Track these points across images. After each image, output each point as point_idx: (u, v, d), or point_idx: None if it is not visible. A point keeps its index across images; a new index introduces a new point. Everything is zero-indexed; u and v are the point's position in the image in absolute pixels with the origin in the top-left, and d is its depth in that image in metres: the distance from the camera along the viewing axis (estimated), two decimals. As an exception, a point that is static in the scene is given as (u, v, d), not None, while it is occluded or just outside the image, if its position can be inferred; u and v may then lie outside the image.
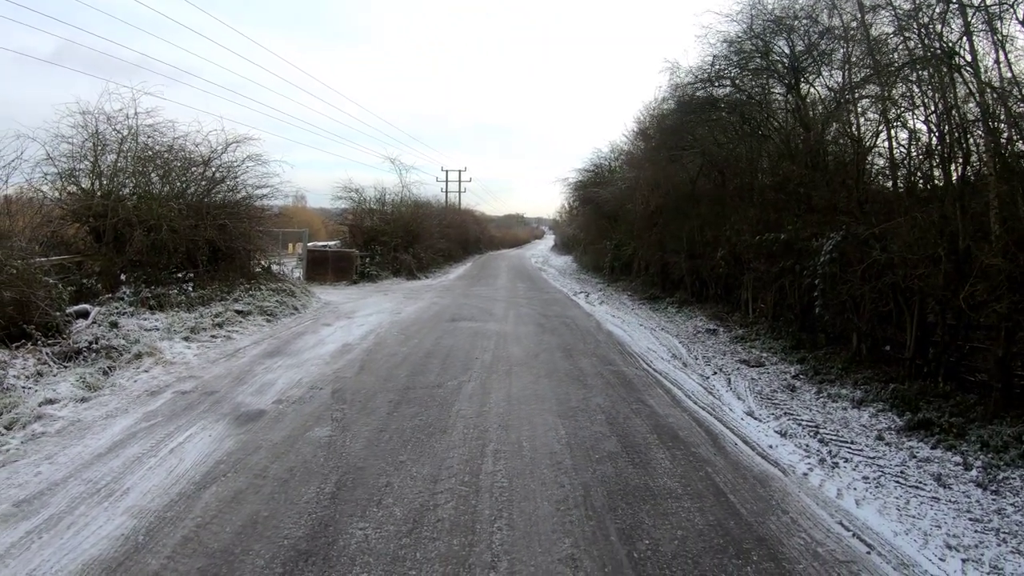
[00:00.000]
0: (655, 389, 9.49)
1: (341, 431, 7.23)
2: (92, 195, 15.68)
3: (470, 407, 8.26)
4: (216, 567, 4.36)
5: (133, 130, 16.45)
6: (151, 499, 5.42)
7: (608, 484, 5.84)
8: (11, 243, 10.80)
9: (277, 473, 6.01)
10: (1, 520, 5.02)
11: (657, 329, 15.56)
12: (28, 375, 8.78)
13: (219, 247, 16.94)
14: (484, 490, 5.67)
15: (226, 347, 12.09)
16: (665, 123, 20.81)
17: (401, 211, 33.58)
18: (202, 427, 7.35)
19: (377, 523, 5.00)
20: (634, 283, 24.90)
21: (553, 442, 6.97)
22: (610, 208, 28.82)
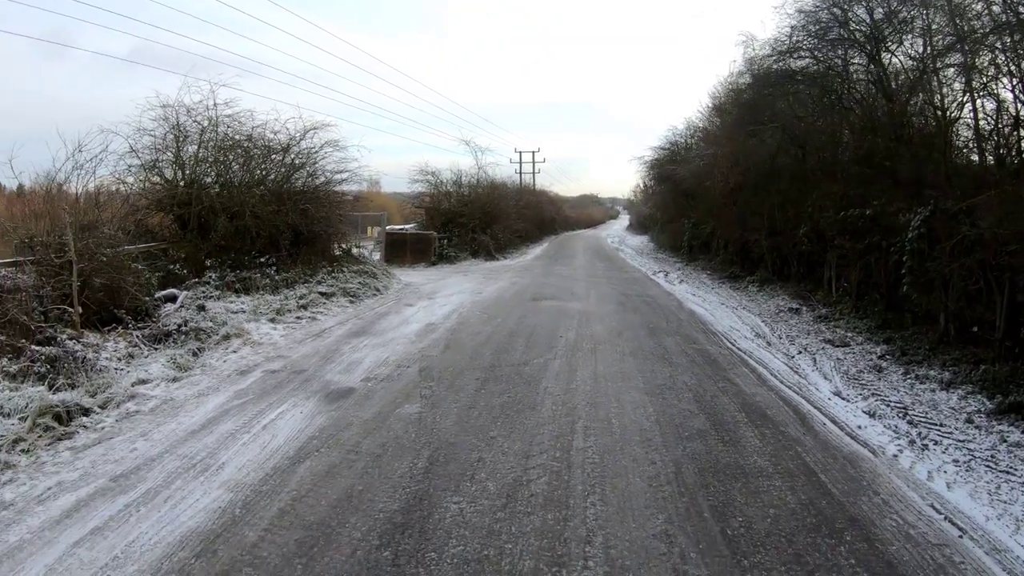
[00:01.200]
0: (740, 368, 9.29)
1: (431, 408, 7.21)
2: (176, 185, 16.06)
3: (557, 385, 8.16)
4: (313, 538, 4.38)
5: (213, 121, 16.73)
6: (246, 473, 5.47)
7: (699, 461, 5.72)
8: (100, 232, 10.99)
9: (370, 448, 6.02)
10: (99, 494, 5.12)
11: (739, 308, 15.24)
12: (120, 357, 8.92)
13: (301, 231, 17.09)
14: (576, 466, 5.61)
15: (312, 328, 12.18)
16: (742, 98, 20.27)
17: (478, 192, 33.57)
18: (293, 404, 7.40)
19: (471, 497, 4.97)
20: (713, 262, 24.44)
21: (642, 419, 6.86)
22: (687, 186, 28.19)
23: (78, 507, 4.89)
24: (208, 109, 16.59)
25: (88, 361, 8.26)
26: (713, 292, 18.49)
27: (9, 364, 7.58)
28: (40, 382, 7.34)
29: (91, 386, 7.62)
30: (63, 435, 6.45)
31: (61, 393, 7.13)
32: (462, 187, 33.28)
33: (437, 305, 14.89)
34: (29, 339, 8.30)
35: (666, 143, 36.41)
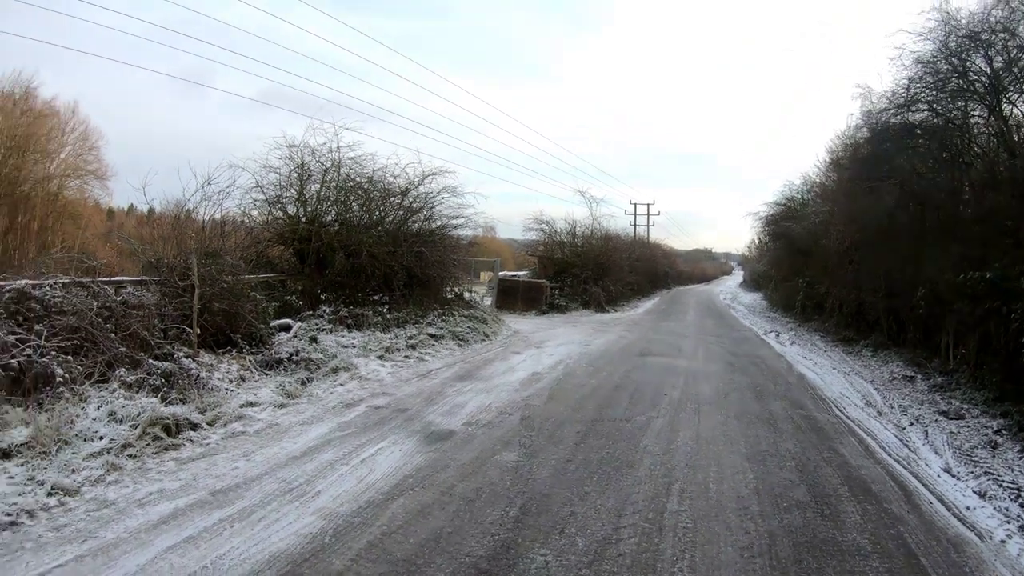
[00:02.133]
0: (847, 437, 8.95)
1: (528, 457, 7.16)
2: (297, 220, 16.70)
3: (658, 444, 8.00)
4: (397, 574, 4.41)
5: (336, 162, 17.39)
6: (340, 503, 5.56)
7: (795, 534, 5.50)
8: (223, 260, 11.47)
9: (463, 492, 6.02)
10: (197, 505, 5.33)
11: (851, 373, 14.70)
12: (231, 379, 9.24)
13: (415, 273, 17.37)
14: (668, 529, 5.47)
15: (419, 368, 12.30)
16: (859, 153, 19.69)
17: (591, 243, 33.60)
18: (393, 441, 7.47)
19: (558, 551, 4.91)
20: (827, 323, 23.70)
21: (740, 486, 6.66)
22: (802, 243, 27.60)
23: (175, 515, 5.11)
24: (332, 151, 17.29)
25: (201, 379, 8.58)
26: (825, 355, 17.92)
27: (127, 374, 7.97)
28: (154, 394, 7.71)
29: (201, 403, 7.94)
30: (170, 446, 6.75)
31: (172, 407, 7.46)
32: (576, 237, 33.36)
33: (544, 354, 14.83)
34: (148, 353, 8.70)
35: (782, 198, 35.76)
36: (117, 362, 8.25)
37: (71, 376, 7.55)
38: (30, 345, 7.52)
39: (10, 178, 25.16)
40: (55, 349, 7.74)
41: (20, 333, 7.63)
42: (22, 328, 7.77)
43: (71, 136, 30.30)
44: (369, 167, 18.05)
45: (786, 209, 34.30)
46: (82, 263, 10.30)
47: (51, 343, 7.76)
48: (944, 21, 13.55)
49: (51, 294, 8.44)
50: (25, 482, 5.48)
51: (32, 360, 7.36)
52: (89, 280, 9.33)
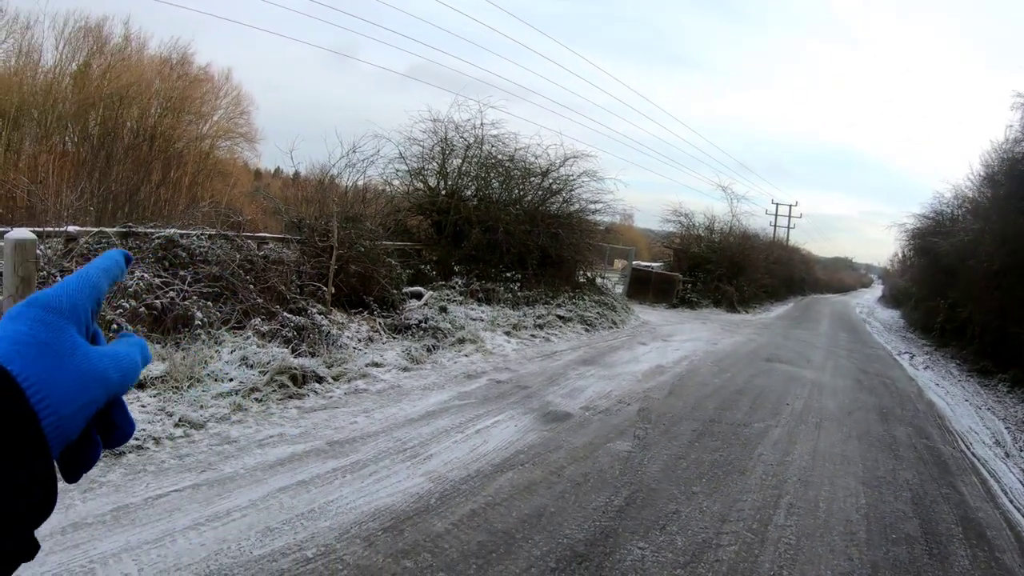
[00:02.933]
0: (970, 476, 8.46)
1: (641, 449, 7.13)
2: (437, 193, 17.08)
3: (773, 454, 7.83)
4: (495, 544, 4.48)
5: (479, 138, 17.68)
6: (450, 469, 5.68)
7: (898, 569, 5.27)
8: (363, 225, 11.83)
9: (572, 475, 6.04)
10: (313, 453, 5.57)
11: (983, 408, 13.92)
12: (360, 339, 9.54)
13: (549, 254, 17.47)
14: (770, 542, 5.35)
15: (543, 347, 12.38)
16: (1016, 169, 18.39)
17: (729, 241, 33.04)
18: (510, 416, 7.56)
19: (657, 547, 4.88)
20: (965, 351, 22.47)
21: (851, 510, 6.44)
22: (948, 262, 26.10)
23: (292, 459, 5.35)
24: (475, 127, 17.61)
25: (331, 336, 8.90)
26: (959, 385, 17.03)
27: (262, 324, 8.36)
28: (285, 345, 8.06)
29: (329, 358, 8.22)
30: (294, 395, 7.06)
31: (301, 358, 7.77)
32: (713, 233, 32.93)
33: (670, 348, 14.71)
34: (283, 306, 9.08)
35: (930, 211, 33.83)
36: (253, 312, 8.66)
37: (209, 320, 7.98)
38: (174, 288, 7.96)
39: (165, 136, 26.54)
40: (197, 294, 8.19)
41: (165, 277, 8.09)
42: (168, 272, 8.23)
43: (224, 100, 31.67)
44: (511, 145, 18.31)
45: (934, 223, 32.58)
46: (228, 218, 10.82)
47: (193, 288, 8.20)
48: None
49: (197, 244, 8.90)
50: (156, 412, 5.83)
51: (174, 302, 7.80)
52: (233, 234, 9.80)
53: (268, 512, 4.43)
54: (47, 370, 0.59)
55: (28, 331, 0.61)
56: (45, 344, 0.61)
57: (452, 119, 17.48)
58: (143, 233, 8.80)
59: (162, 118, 26.90)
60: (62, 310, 0.64)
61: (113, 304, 7.23)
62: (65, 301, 0.65)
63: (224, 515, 4.33)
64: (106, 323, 6.83)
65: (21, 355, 0.59)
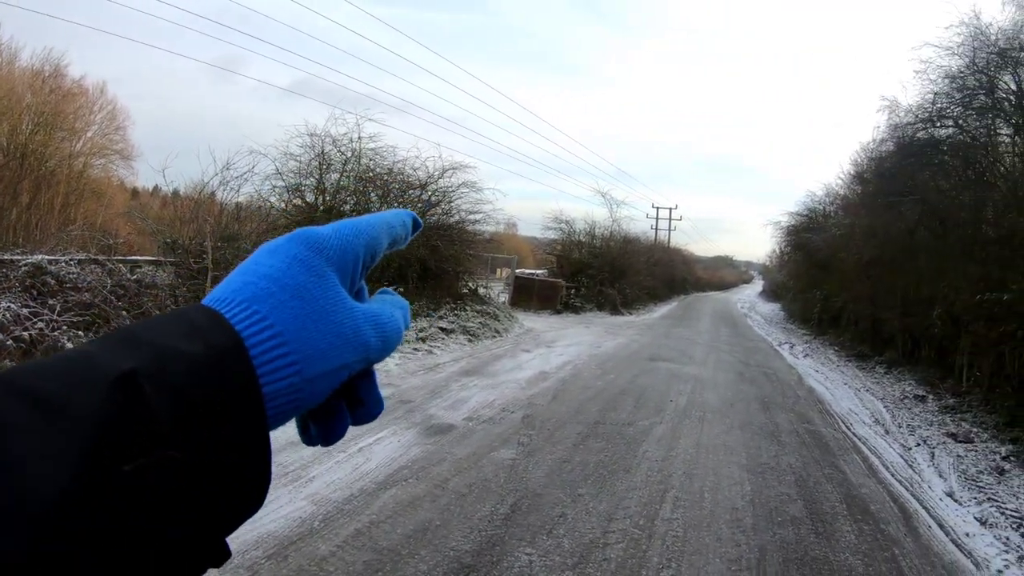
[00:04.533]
0: (851, 455, 8.87)
1: (525, 456, 7.20)
2: (315, 208, 16.92)
3: (657, 450, 8.01)
4: (381, 563, 4.47)
5: (356, 152, 17.65)
6: (333, 490, 5.64)
7: (786, 550, 5.47)
8: (239, 245, 11.63)
9: (456, 487, 6.07)
10: None
11: (862, 390, 14.60)
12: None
13: (429, 266, 17.53)
14: (657, 536, 5.47)
15: (426, 361, 12.38)
16: (883, 166, 19.36)
17: (609, 245, 33.54)
18: (392, 432, 7.54)
19: (544, 551, 4.94)
20: (842, 338, 23.52)
21: (736, 497, 6.64)
22: (822, 256, 27.33)
23: None
24: (353, 141, 17.57)
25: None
26: (838, 370, 17.81)
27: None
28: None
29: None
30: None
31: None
32: (595, 238, 33.36)
33: (554, 354, 14.87)
34: (158, 334, 8.85)
35: (804, 209, 35.35)
36: (127, 341, 8.42)
37: (81, 351, 7.71)
38: (43, 319, 7.68)
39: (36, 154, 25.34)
40: (67, 324, 7.91)
41: (34, 307, 7.80)
42: (36, 302, 7.94)
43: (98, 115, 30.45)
44: (390, 159, 18.37)
45: (807, 220, 34.00)
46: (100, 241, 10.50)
47: (63, 318, 7.93)
48: (973, 36, 13.39)
49: (67, 270, 8.63)
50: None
51: (44, 333, 7.53)
52: (105, 258, 9.53)
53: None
54: (298, 319, 0.52)
55: (285, 268, 0.54)
56: (302, 287, 0.53)
57: (329, 133, 17.42)
58: (9, 260, 8.47)
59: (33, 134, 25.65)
60: (329, 252, 0.57)
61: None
62: (334, 243, 0.58)
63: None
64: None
65: (271, 296, 0.52)
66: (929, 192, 15.48)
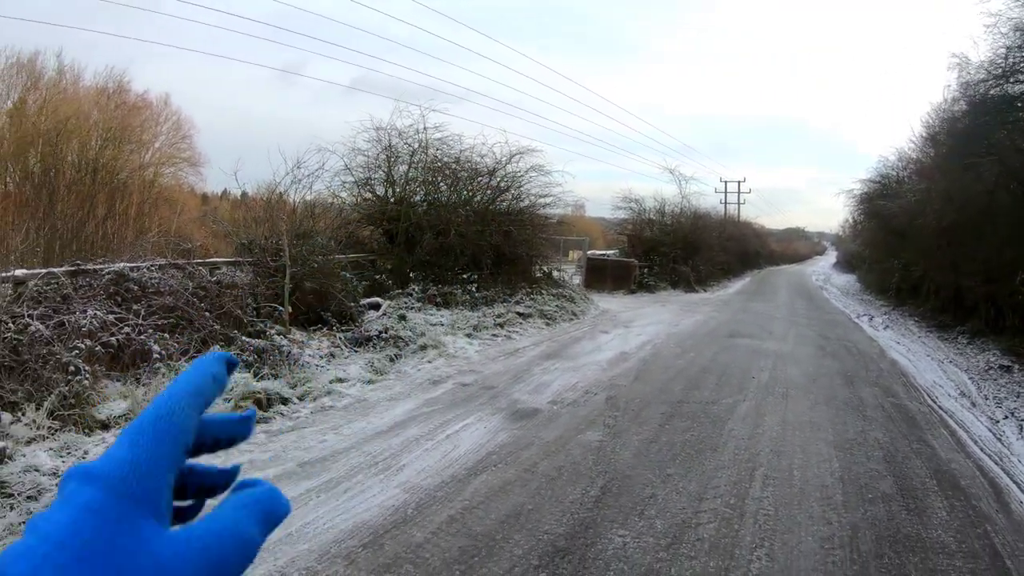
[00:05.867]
0: (939, 429, 8.61)
1: (612, 437, 7.16)
2: (386, 201, 17.05)
3: (743, 428, 7.91)
4: (476, 548, 4.49)
5: (423, 143, 17.70)
6: (424, 478, 5.68)
7: (877, 528, 5.36)
8: (314, 241, 11.79)
9: (546, 470, 6.06)
10: (286, 476, 5.53)
11: (945, 361, 14.21)
12: (322, 355, 9.51)
13: (503, 252, 17.50)
14: (748, 515, 5.41)
15: (506, 346, 12.39)
16: (956, 127, 18.78)
17: (680, 222, 33.16)
18: (478, 418, 7.56)
19: (637, 533, 4.92)
20: (922, 308, 22.84)
21: (825, 475, 6.52)
22: (898, 223, 26.47)
23: None
24: (418, 132, 17.63)
25: (292, 356, 8.86)
26: (919, 342, 17.35)
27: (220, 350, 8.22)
28: (247, 369, 8.00)
29: (292, 378, 8.20)
30: (261, 419, 6.96)
31: (264, 381, 7.75)
32: (664, 215, 32.98)
33: (632, 334, 14.77)
34: (241, 330, 9.02)
35: (876, 175, 34.30)
36: (211, 339, 8.59)
37: (167, 352, 7.89)
38: (128, 324, 7.85)
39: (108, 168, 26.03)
40: (152, 327, 8.08)
41: (119, 312, 7.98)
42: (121, 308, 8.12)
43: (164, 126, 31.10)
44: (456, 147, 18.37)
45: (880, 187, 33.02)
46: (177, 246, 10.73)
47: (148, 321, 8.10)
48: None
49: (148, 276, 8.81)
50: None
51: (130, 337, 7.70)
52: (184, 262, 9.72)
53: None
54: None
55: (70, 523, 0.43)
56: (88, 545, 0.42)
57: (395, 126, 17.50)
58: (92, 270, 8.67)
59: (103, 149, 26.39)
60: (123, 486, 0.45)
61: (68, 345, 7.10)
62: (128, 470, 0.46)
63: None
64: (62, 365, 6.72)
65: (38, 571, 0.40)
66: (1007, 152, 14.88)
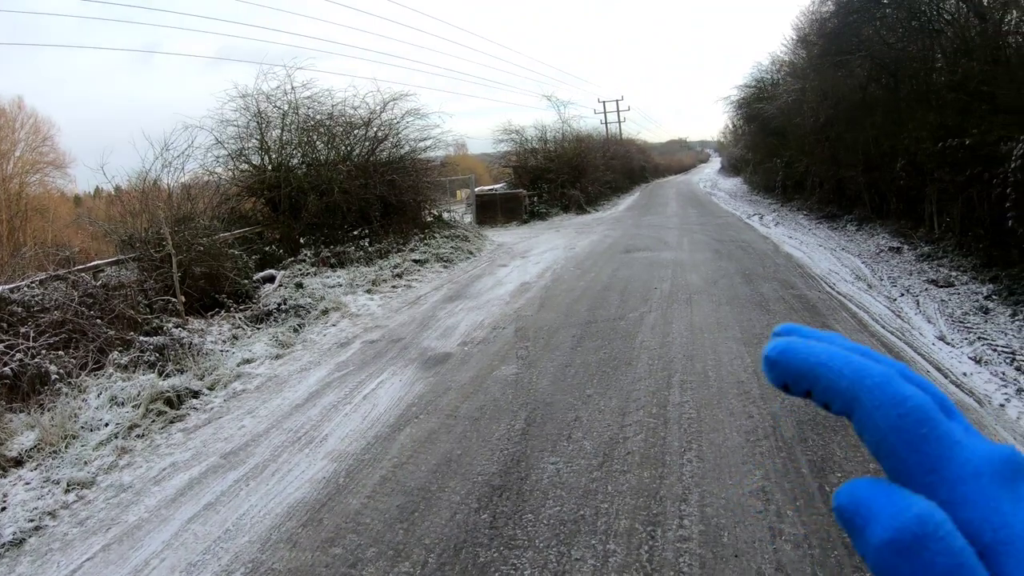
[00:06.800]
0: (840, 313, 9.01)
1: (527, 368, 7.24)
2: (264, 169, 16.53)
3: (653, 338, 8.09)
4: (414, 503, 4.51)
5: (292, 104, 17.14)
6: (349, 443, 5.65)
7: (797, 414, 5.58)
8: (195, 223, 11.44)
9: (467, 412, 6.11)
10: (211, 471, 5.40)
11: (837, 249, 14.75)
12: (224, 339, 9.28)
13: (390, 202, 17.27)
14: (672, 421, 5.58)
15: (407, 296, 12.31)
16: (826, 27, 19.24)
17: (564, 147, 33.14)
18: (392, 373, 7.54)
19: (568, 457, 5.02)
20: (809, 202, 23.66)
21: (739, 371, 6.75)
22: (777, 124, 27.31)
23: (191, 485, 5.16)
24: (286, 93, 17.04)
25: (194, 346, 8.61)
26: (810, 233, 17.96)
27: (120, 356, 8.00)
28: (150, 370, 7.74)
29: (199, 370, 7.95)
30: (175, 418, 6.78)
31: (171, 379, 7.49)
32: (547, 143, 32.92)
33: (530, 263, 14.86)
34: (137, 331, 8.72)
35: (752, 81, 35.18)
36: (109, 346, 8.27)
37: (66, 370, 7.54)
38: (19, 349, 7.50)
39: (-36, 188, 24.65)
40: (45, 347, 7.73)
41: (7, 339, 7.61)
42: (8, 334, 7.74)
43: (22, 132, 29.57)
44: (328, 103, 17.85)
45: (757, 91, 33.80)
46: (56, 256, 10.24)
47: (40, 342, 7.74)
48: None
49: (30, 294, 8.41)
50: (41, 484, 5.48)
51: (24, 363, 7.36)
52: (65, 271, 9.29)
53: (185, 548, 4.28)
54: None
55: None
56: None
57: (261, 90, 16.87)
58: (-34, 300, 8.24)
59: (-46, 169, 24.84)
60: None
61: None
62: None
63: (143, 567, 4.16)
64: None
65: None
66: (876, 47, 15.48)
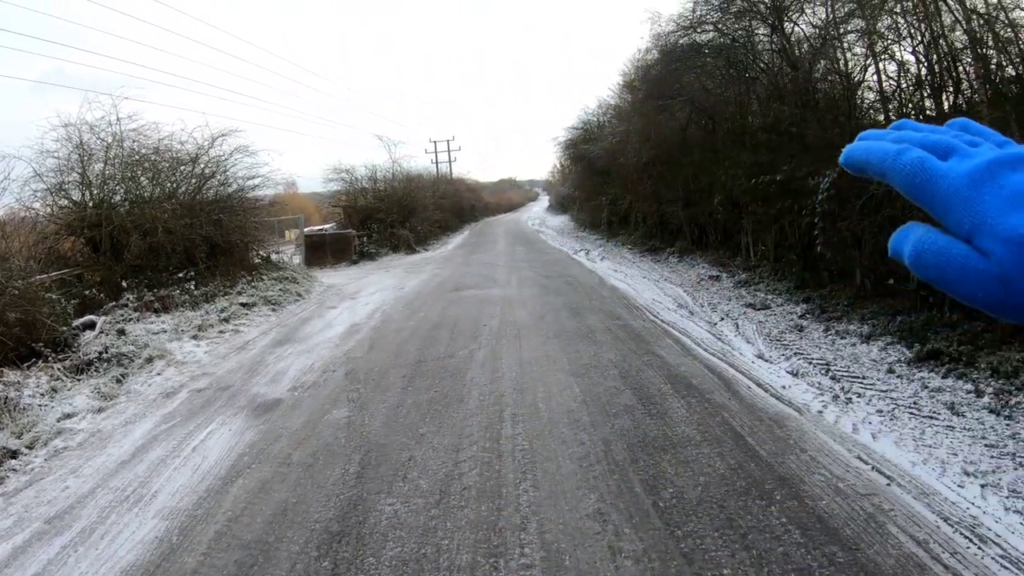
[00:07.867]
0: (664, 340, 9.45)
1: (359, 411, 7.26)
2: (84, 206, 15.69)
3: (483, 374, 8.27)
4: (252, 557, 4.44)
5: (117, 136, 16.38)
6: (180, 499, 5.49)
7: (627, 437, 5.86)
8: (9, 264, 10.80)
9: (301, 459, 6.07)
10: (36, 538, 5.09)
11: (660, 280, 15.47)
12: (43, 392, 8.81)
13: (216, 243, 16.84)
14: (506, 454, 5.71)
15: (235, 341, 12.10)
16: (650, 73, 20.54)
17: (394, 187, 33.29)
18: (221, 422, 7.39)
19: (404, 497, 5.06)
20: (633, 236, 24.65)
21: (569, 400, 6.99)
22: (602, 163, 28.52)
23: (16, 555, 4.87)
24: (111, 124, 16.27)
25: (10, 401, 8.14)
26: (634, 266, 18.71)
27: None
28: (-39, 432, 7.26)
29: (16, 427, 7.49)
30: (-9, 482, 6.38)
31: (-14, 438, 7.07)
32: (377, 182, 32.97)
33: (360, 304, 14.86)
34: (-53, 389, 8.20)
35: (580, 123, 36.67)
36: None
37: None
38: None
39: None
40: None
41: None
42: None
43: None
44: (154, 137, 17.17)
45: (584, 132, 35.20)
46: None
47: None
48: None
49: None
50: None
51: None
52: None
53: (14, 628, 4.07)
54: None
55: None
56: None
57: (85, 120, 15.99)
58: None
59: None
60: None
61: None
62: None
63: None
64: None
65: None
66: (696, 92, 16.67)
